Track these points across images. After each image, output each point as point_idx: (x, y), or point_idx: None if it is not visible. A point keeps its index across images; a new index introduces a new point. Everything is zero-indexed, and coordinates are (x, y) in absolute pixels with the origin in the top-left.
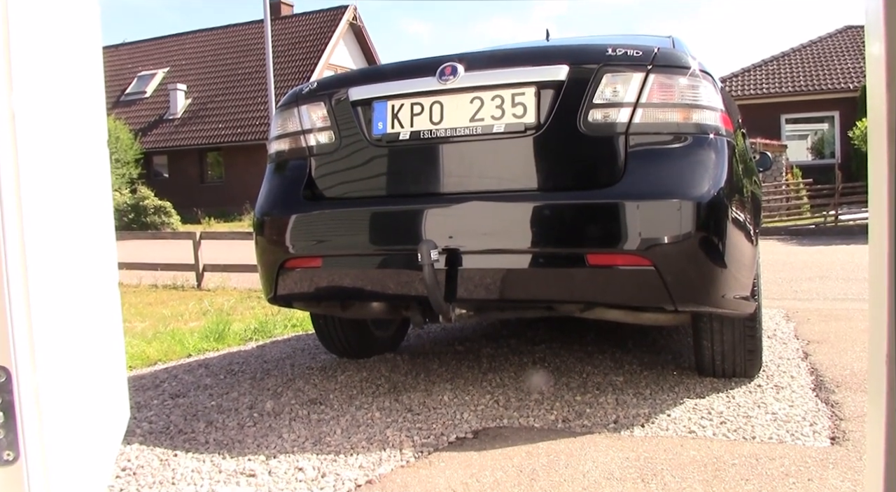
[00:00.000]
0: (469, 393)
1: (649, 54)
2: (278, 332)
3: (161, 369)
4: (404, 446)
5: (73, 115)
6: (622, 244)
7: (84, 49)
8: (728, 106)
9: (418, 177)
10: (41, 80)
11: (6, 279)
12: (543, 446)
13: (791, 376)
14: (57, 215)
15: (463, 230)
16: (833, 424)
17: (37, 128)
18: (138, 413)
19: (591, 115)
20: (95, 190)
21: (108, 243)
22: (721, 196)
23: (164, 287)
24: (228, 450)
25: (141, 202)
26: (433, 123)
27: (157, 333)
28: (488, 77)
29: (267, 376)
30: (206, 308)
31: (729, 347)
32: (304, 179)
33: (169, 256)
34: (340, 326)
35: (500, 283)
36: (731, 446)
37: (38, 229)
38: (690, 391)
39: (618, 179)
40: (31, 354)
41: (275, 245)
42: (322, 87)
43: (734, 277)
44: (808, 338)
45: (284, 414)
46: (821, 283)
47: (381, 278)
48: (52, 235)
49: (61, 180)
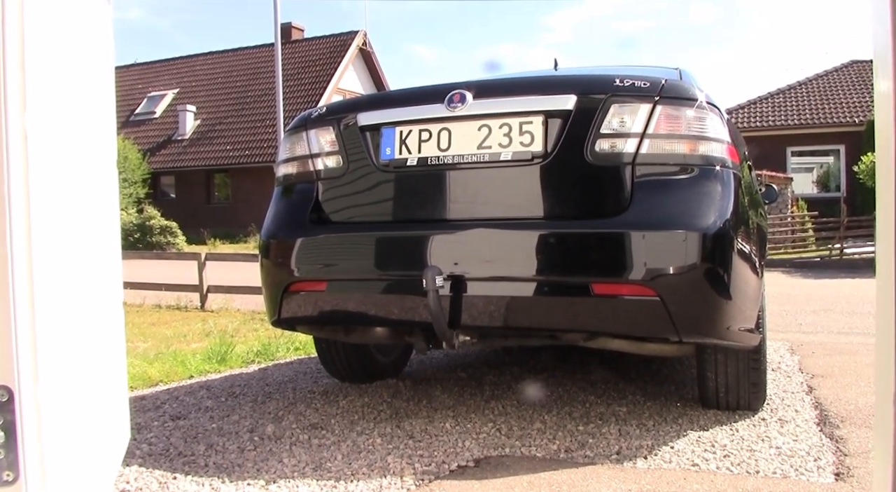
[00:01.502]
0: (471, 421)
1: (657, 86)
2: (281, 355)
3: (162, 389)
4: (405, 474)
5: (84, 134)
6: (627, 274)
7: (97, 69)
8: (734, 138)
9: (425, 203)
10: (54, 99)
11: (12, 299)
12: (545, 476)
13: (795, 410)
14: (65, 234)
15: (468, 257)
16: (837, 459)
17: (48, 147)
18: (139, 434)
19: (599, 144)
20: (103, 209)
21: (114, 263)
22: (727, 228)
23: (167, 307)
24: (228, 474)
25: (147, 222)
26: (441, 149)
27: (160, 353)
28: (496, 105)
29: (268, 399)
30: (209, 329)
31: (733, 379)
32: (310, 203)
33: (173, 277)
34: (343, 351)
35: (505, 310)
36: (734, 480)
37: (46, 247)
38: (694, 423)
39: (624, 208)
40: (34, 374)
41: (280, 268)
42: (331, 111)
43: (739, 309)
44: (813, 372)
45: (285, 438)
46: (825, 316)
47: (386, 303)
48: (59, 254)
49: (70, 199)
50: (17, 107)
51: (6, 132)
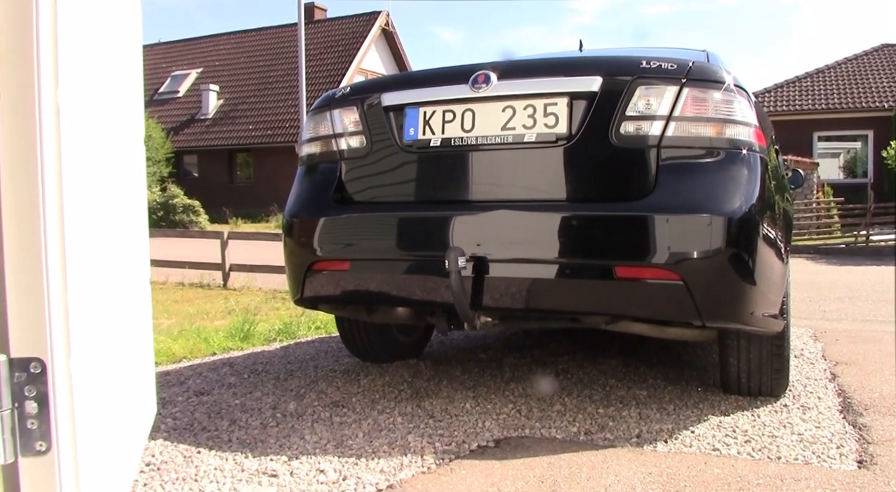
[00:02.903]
0: (491, 402)
1: (684, 68)
2: (302, 333)
3: (186, 366)
4: (426, 453)
5: (113, 112)
6: (651, 258)
7: (126, 47)
8: (762, 121)
9: (448, 184)
10: (85, 77)
11: (45, 274)
12: (565, 457)
13: (818, 397)
14: (95, 210)
15: (491, 238)
16: (860, 447)
17: (80, 123)
18: (163, 409)
19: (624, 127)
20: (132, 186)
21: (141, 240)
22: (752, 212)
23: (190, 285)
24: (251, 449)
25: (170, 201)
26: (464, 130)
27: (183, 330)
28: (521, 86)
29: (290, 376)
30: (231, 307)
31: (755, 365)
32: (334, 183)
33: (196, 255)
34: (365, 330)
35: (527, 292)
36: (755, 466)
37: (77, 223)
38: (715, 408)
39: (648, 192)
40: (67, 348)
41: (303, 247)
42: (355, 91)
43: (763, 295)
44: (836, 359)
45: (307, 416)
46: (850, 303)
47: (408, 284)
48: (90, 230)
49: (101, 176)
50: (51, 83)
51: (39, 108)
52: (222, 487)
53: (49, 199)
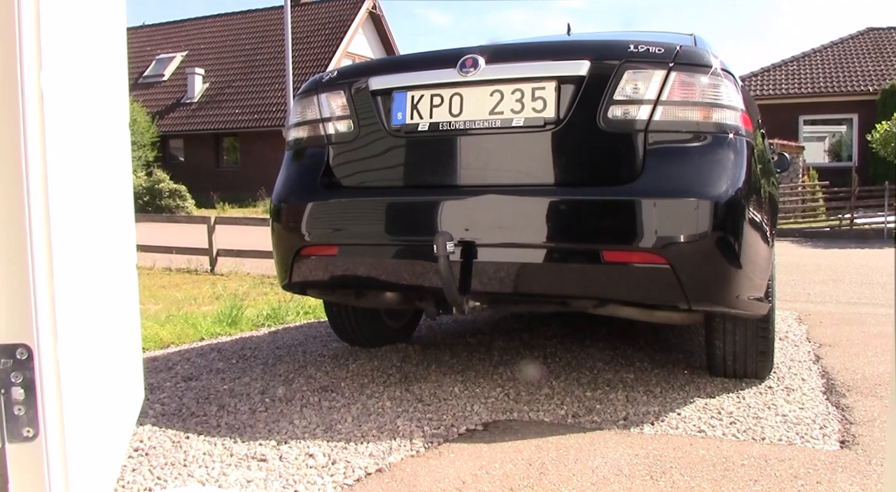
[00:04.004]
0: (480, 385)
1: (671, 52)
2: (291, 318)
3: (174, 351)
4: (414, 436)
5: (98, 95)
6: (638, 242)
7: (110, 30)
8: (749, 106)
9: (436, 168)
10: (69, 60)
11: (31, 259)
12: (553, 440)
13: (802, 379)
14: (80, 195)
15: (479, 223)
16: (843, 427)
17: (63, 107)
18: (151, 395)
19: (611, 111)
20: (117, 171)
21: (127, 225)
22: (739, 196)
23: (177, 271)
24: (240, 434)
25: (156, 185)
26: (452, 114)
27: (171, 316)
28: (509, 70)
29: (279, 362)
30: (219, 293)
31: (741, 347)
32: (321, 167)
33: (183, 240)
34: (353, 315)
35: (515, 276)
36: (740, 447)
37: (61, 208)
38: (701, 391)
39: (636, 176)
40: (54, 334)
41: (291, 232)
42: (342, 75)
43: (749, 278)
44: (820, 341)
45: (296, 400)
46: (834, 286)
47: (397, 268)
48: (75, 215)
49: (86, 160)
50: (34, 66)
51: (22, 92)
52: (211, 472)
53: (34, 184)
